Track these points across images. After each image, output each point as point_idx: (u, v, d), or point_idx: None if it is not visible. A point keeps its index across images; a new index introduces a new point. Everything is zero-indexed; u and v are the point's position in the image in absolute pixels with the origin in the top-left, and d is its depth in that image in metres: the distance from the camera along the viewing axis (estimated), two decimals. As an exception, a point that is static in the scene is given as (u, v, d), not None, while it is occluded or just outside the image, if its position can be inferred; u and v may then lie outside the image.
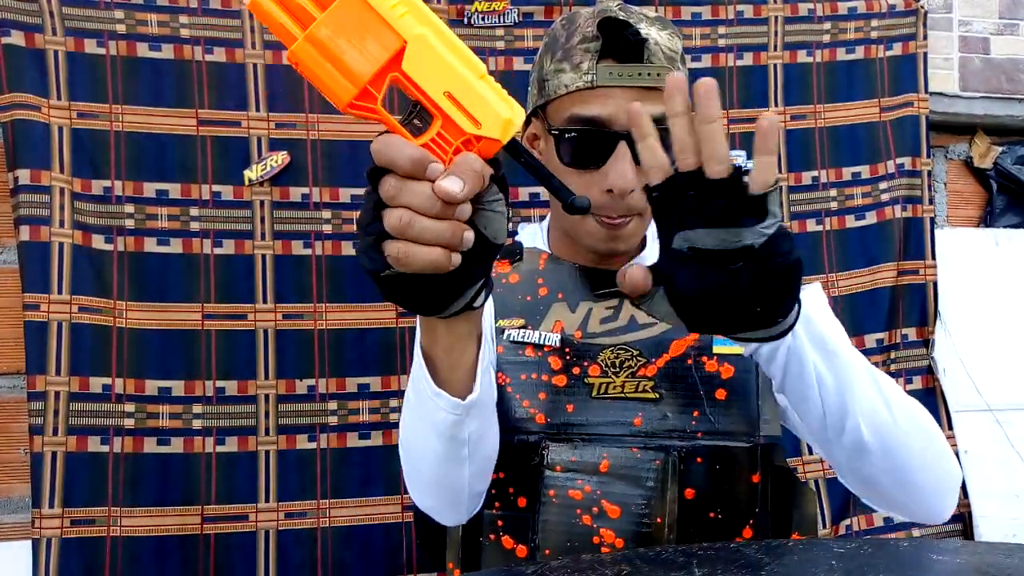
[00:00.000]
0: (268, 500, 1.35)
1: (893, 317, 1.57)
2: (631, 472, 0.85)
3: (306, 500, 1.36)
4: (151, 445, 1.31)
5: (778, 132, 0.61)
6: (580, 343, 0.89)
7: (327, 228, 1.39)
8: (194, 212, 1.36)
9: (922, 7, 1.58)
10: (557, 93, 0.87)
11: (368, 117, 0.53)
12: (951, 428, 1.58)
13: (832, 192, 1.55)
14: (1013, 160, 1.76)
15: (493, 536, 0.88)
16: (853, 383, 0.77)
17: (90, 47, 1.33)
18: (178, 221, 1.35)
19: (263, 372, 1.36)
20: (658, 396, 0.87)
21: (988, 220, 1.77)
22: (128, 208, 1.33)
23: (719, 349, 0.89)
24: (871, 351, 1.55)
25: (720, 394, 0.87)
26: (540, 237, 1.01)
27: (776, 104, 1.54)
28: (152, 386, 1.32)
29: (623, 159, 0.84)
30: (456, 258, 0.53)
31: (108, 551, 1.28)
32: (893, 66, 1.58)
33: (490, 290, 0.62)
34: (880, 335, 1.56)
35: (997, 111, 1.73)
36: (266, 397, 1.36)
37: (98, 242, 1.32)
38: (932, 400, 1.58)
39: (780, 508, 0.88)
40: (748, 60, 1.53)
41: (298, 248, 1.38)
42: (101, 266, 1.31)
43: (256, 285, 1.37)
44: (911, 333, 1.58)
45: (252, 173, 1.37)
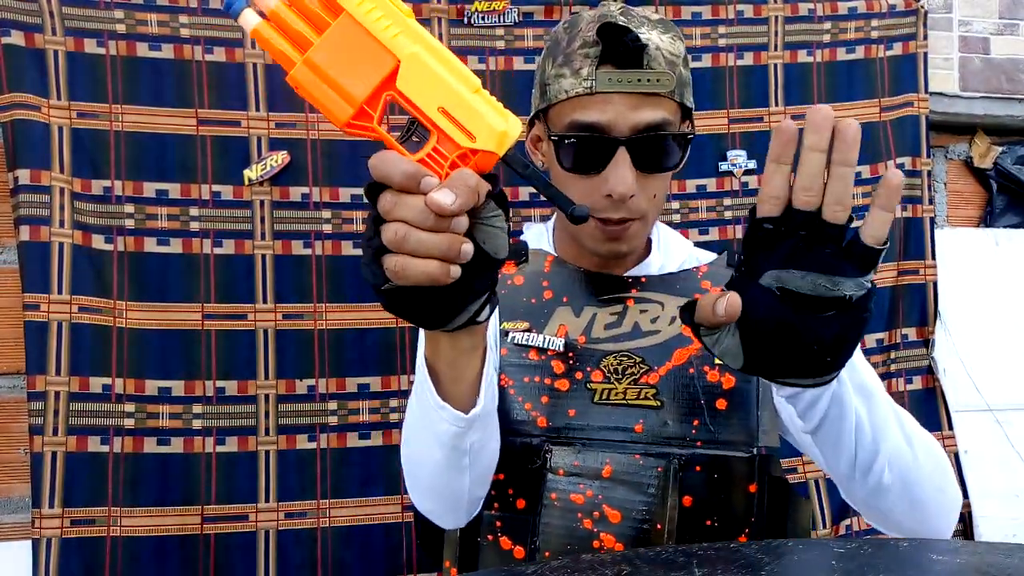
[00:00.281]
0: (268, 500, 1.35)
1: (893, 317, 1.57)
2: (633, 478, 0.85)
3: (306, 500, 1.36)
4: (151, 445, 1.31)
5: (900, 191, 0.61)
6: (583, 348, 0.89)
7: (327, 228, 1.39)
8: (194, 212, 1.36)
9: (922, 7, 1.58)
10: (558, 98, 0.87)
11: (365, 135, 0.54)
12: (951, 428, 1.58)
13: (832, 192, 1.55)
14: (1013, 160, 1.76)
15: (491, 536, 0.88)
16: (886, 426, 0.77)
17: (90, 47, 1.33)
18: (178, 221, 1.35)
19: (263, 372, 1.36)
20: (659, 404, 0.87)
21: (988, 220, 1.77)
22: (128, 208, 1.33)
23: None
24: (871, 351, 1.55)
25: (721, 404, 0.87)
26: (546, 238, 1.01)
27: (776, 104, 1.53)
28: (152, 386, 1.32)
29: (622, 164, 0.83)
30: (455, 271, 0.54)
31: (108, 551, 1.28)
32: (893, 66, 1.57)
33: (495, 305, 0.62)
34: (880, 335, 1.56)
35: (997, 111, 1.73)
36: (266, 397, 1.36)
37: (98, 242, 1.31)
38: (932, 400, 1.58)
39: (775, 518, 0.89)
40: (748, 60, 1.53)
41: (298, 248, 1.38)
42: (101, 266, 1.31)
43: (256, 285, 1.37)
44: (911, 333, 1.58)
45: (252, 173, 1.37)
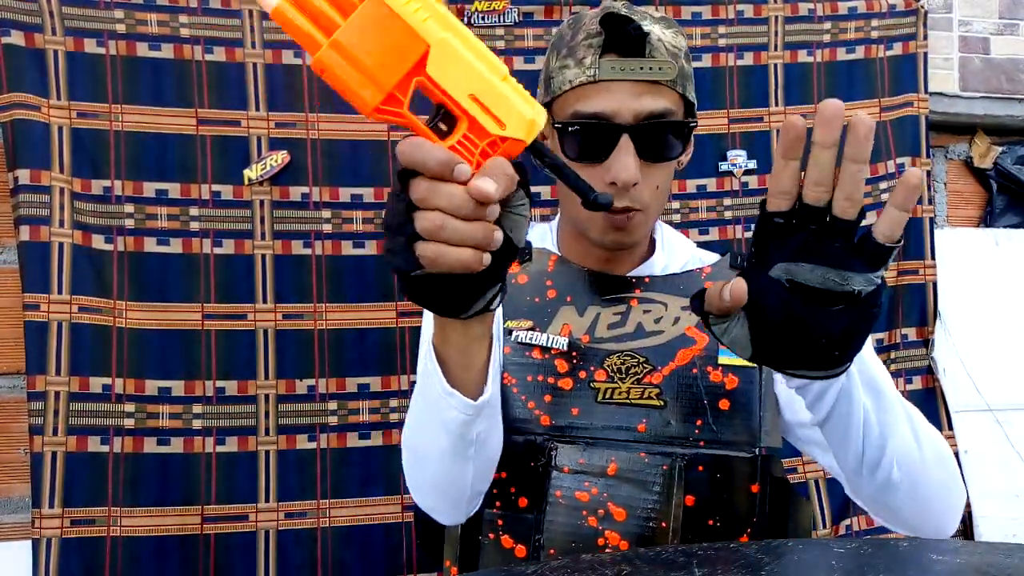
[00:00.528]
0: (268, 500, 1.35)
1: (893, 317, 1.57)
2: (638, 476, 0.86)
3: (306, 500, 1.36)
4: (151, 445, 1.31)
5: (920, 190, 0.61)
6: (587, 347, 0.89)
7: (327, 228, 1.39)
8: (194, 212, 1.36)
9: (922, 7, 1.58)
10: (562, 89, 0.88)
11: (395, 121, 0.53)
12: (951, 428, 1.58)
13: (832, 192, 1.55)
14: (1013, 160, 1.76)
15: (492, 535, 0.88)
16: (895, 424, 0.77)
17: (90, 47, 1.33)
18: (178, 221, 1.35)
19: (263, 372, 1.36)
20: (663, 404, 0.87)
21: (988, 220, 1.77)
22: (128, 208, 1.33)
23: (724, 360, 0.89)
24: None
25: (724, 404, 0.88)
26: (550, 238, 1.01)
27: (776, 104, 1.53)
28: (152, 386, 1.32)
29: (626, 152, 0.84)
30: (487, 258, 0.54)
31: (108, 551, 1.28)
32: (893, 66, 1.57)
33: (505, 293, 0.63)
34: (880, 335, 1.56)
35: (997, 111, 1.73)
36: (266, 397, 1.36)
37: (98, 242, 1.31)
38: (932, 400, 1.58)
39: (777, 518, 0.89)
40: (748, 60, 1.53)
41: (298, 248, 1.38)
42: (101, 266, 1.31)
43: (256, 285, 1.37)
44: (911, 333, 1.58)
45: (252, 173, 1.37)
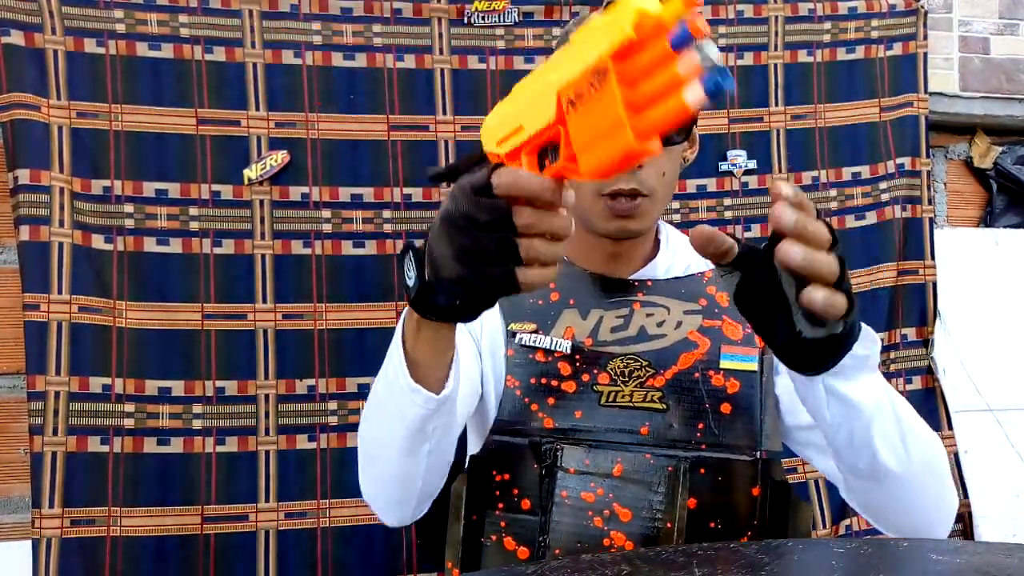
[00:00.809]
0: (268, 500, 1.35)
1: (893, 317, 1.57)
2: (644, 477, 0.86)
3: (306, 500, 1.36)
4: (151, 445, 1.31)
5: (797, 199, 0.59)
6: (590, 350, 0.90)
7: (327, 228, 1.39)
8: (193, 212, 1.35)
9: (922, 7, 1.58)
10: None
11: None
12: (951, 428, 1.58)
13: (832, 192, 1.55)
14: (1013, 160, 1.76)
15: (495, 537, 0.88)
16: (884, 436, 0.77)
17: (90, 47, 1.33)
18: (178, 221, 1.35)
19: (263, 372, 1.36)
20: (665, 407, 0.88)
21: (988, 220, 1.77)
22: (128, 208, 1.33)
23: (726, 364, 0.90)
24: (871, 351, 1.55)
25: (725, 408, 0.88)
26: None
27: (776, 104, 1.53)
28: (152, 386, 1.32)
29: None
30: None
31: (108, 551, 1.28)
32: (893, 66, 1.57)
33: None
34: (880, 335, 1.55)
35: (997, 111, 1.73)
36: (266, 397, 1.36)
37: (98, 242, 1.31)
38: (932, 400, 1.58)
39: (777, 521, 0.90)
40: (748, 60, 1.53)
41: (298, 248, 1.38)
42: (101, 266, 1.31)
43: (256, 285, 1.37)
44: (911, 333, 1.58)
45: (252, 172, 1.37)
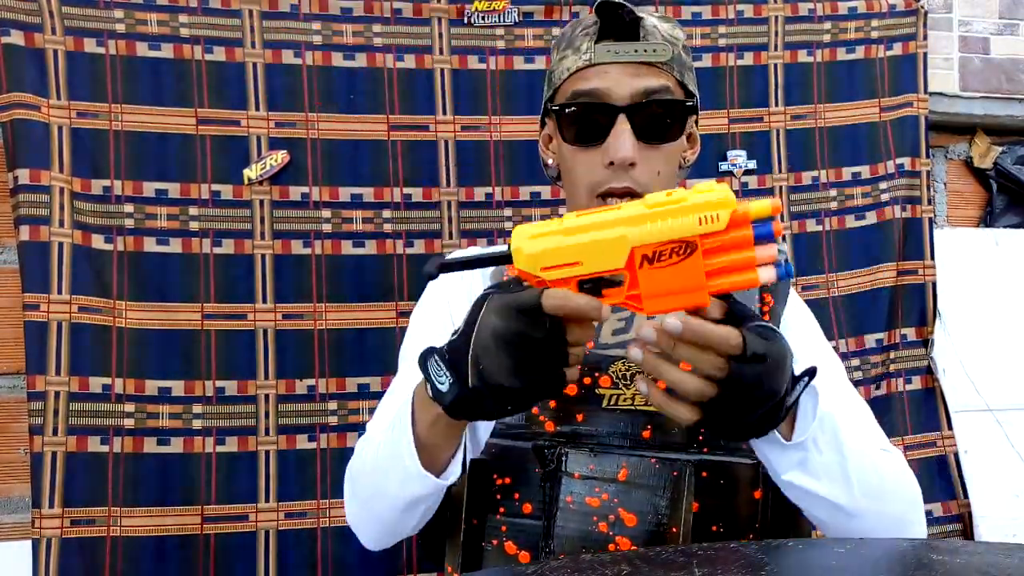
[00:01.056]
0: (268, 500, 1.34)
1: (893, 317, 1.57)
2: (648, 482, 0.86)
3: (306, 500, 1.36)
4: (151, 445, 1.31)
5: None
6: (592, 353, 0.90)
7: (327, 227, 1.39)
8: (193, 211, 1.35)
9: (922, 7, 1.58)
10: (562, 78, 0.91)
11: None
12: (951, 428, 1.58)
13: (832, 192, 1.55)
14: (1013, 160, 1.76)
15: (496, 541, 0.88)
16: (834, 508, 0.78)
17: (90, 46, 1.33)
18: (177, 221, 1.35)
19: (263, 372, 1.36)
20: None
21: (988, 220, 1.77)
22: (128, 208, 1.33)
23: None
24: (871, 351, 1.55)
25: None
26: None
27: (776, 104, 1.53)
28: (152, 386, 1.32)
29: (623, 131, 0.86)
30: None
31: (108, 551, 1.28)
32: (893, 66, 1.57)
33: None
34: (880, 335, 1.56)
35: (997, 111, 1.73)
36: (266, 397, 1.36)
37: (98, 242, 1.31)
38: (932, 400, 1.58)
39: (778, 524, 0.89)
40: (748, 60, 1.53)
41: (298, 248, 1.38)
42: (101, 266, 1.31)
43: (256, 285, 1.37)
44: (910, 333, 1.58)
45: (252, 172, 1.37)
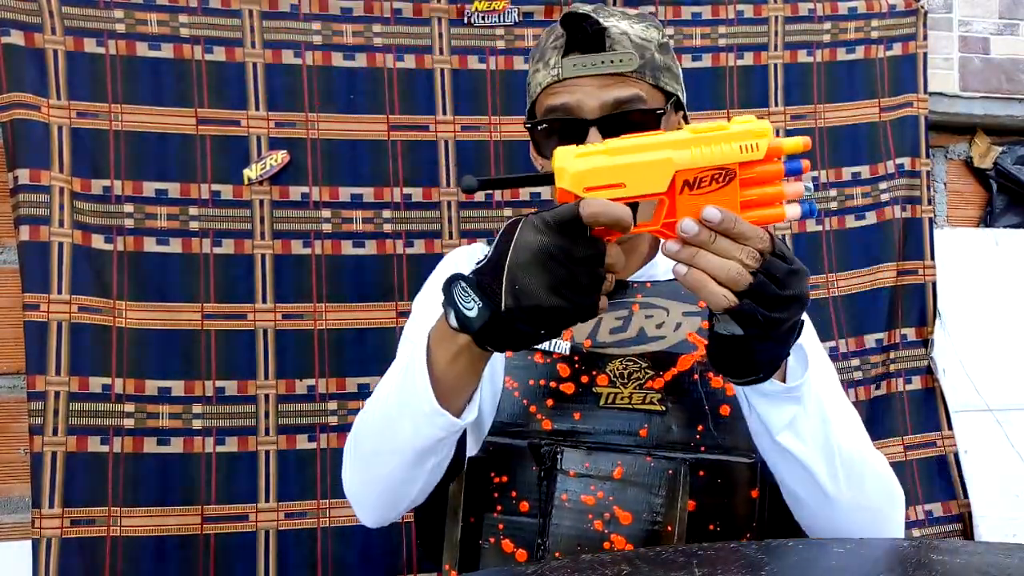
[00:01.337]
0: (268, 500, 1.34)
1: (893, 317, 1.57)
2: (644, 480, 0.86)
3: (306, 500, 1.36)
4: (151, 445, 1.31)
5: None
6: (589, 352, 0.90)
7: (327, 227, 1.39)
8: (193, 211, 1.35)
9: (922, 7, 1.58)
10: (536, 93, 0.93)
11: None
12: (951, 428, 1.58)
13: (832, 192, 1.55)
14: (1013, 160, 1.76)
15: (492, 539, 0.88)
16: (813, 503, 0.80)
17: (90, 46, 1.33)
18: (177, 221, 1.35)
19: (263, 372, 1.36)
20: (664, 409, 0.88)
21: (988, 220, 1.77)
22: (128, 208, 1.33)
23: None
24: (871, 351, 1.55)
25: (724, 410, 0.88)
26: None
27: (776, 104, 1.53)
28: (152, 386, 1.32)
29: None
30: None
31: (108, 551, 1.28)
32: (893, 66, 1.57)
33: None
34: (880, 335, 1.56)
35: (997, 111, 1.73)
36: (266, 397, 1.36)
37: (98, 242, 1.31)
38: (932, 400, 1.58)
39: (776, 523, 0.89)
40: (748, 60, 1.53)
41: (298, 248, 1.38)
42: (101, 266, 1.31)
43: (256, 285, 1.37)
44: (910, 333, 1.58)
45: (252, 172, 1.37)
